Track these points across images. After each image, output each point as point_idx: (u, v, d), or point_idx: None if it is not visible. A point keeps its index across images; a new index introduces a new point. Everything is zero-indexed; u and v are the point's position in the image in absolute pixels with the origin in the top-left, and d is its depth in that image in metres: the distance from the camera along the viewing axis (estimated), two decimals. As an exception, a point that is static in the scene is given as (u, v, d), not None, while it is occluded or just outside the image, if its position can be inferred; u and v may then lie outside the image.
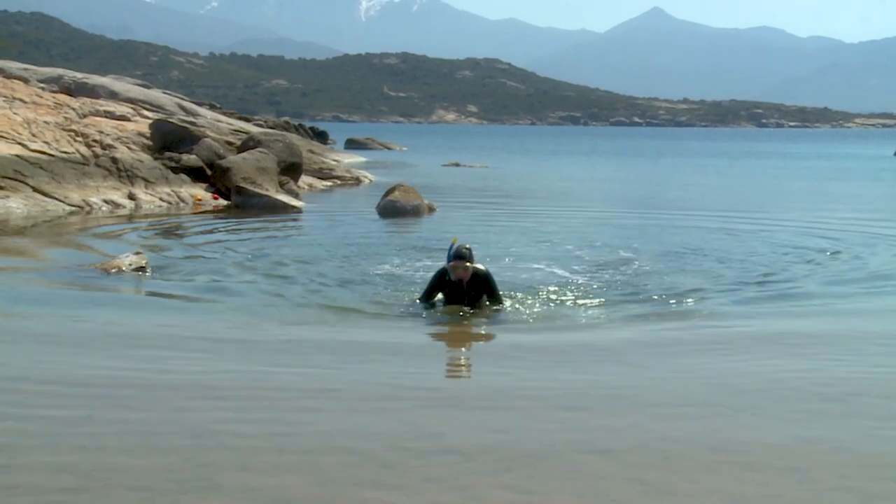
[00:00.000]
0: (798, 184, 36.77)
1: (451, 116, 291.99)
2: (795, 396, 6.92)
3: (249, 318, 9.50)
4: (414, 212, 21.04)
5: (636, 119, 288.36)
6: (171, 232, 17.43)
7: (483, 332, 9.41)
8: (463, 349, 8.90)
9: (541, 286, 11.45)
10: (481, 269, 10.01)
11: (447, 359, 8.56)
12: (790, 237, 17.11)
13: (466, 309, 9.83)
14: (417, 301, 10.25)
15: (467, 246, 9.88)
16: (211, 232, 17.30)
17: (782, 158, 64.62)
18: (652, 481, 5.18)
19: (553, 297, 10.84)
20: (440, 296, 10.14)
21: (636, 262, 13.78)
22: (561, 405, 6.61)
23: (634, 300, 10.77)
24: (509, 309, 10.06)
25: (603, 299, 10.75)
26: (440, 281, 9.98)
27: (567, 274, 12.65)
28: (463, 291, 9.87)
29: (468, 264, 9.75)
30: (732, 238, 17.01)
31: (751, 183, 37.23)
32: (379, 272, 12.44)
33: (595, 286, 11.64)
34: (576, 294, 11.05)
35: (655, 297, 10.91)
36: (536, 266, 13.40)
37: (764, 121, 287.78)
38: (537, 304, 10.37)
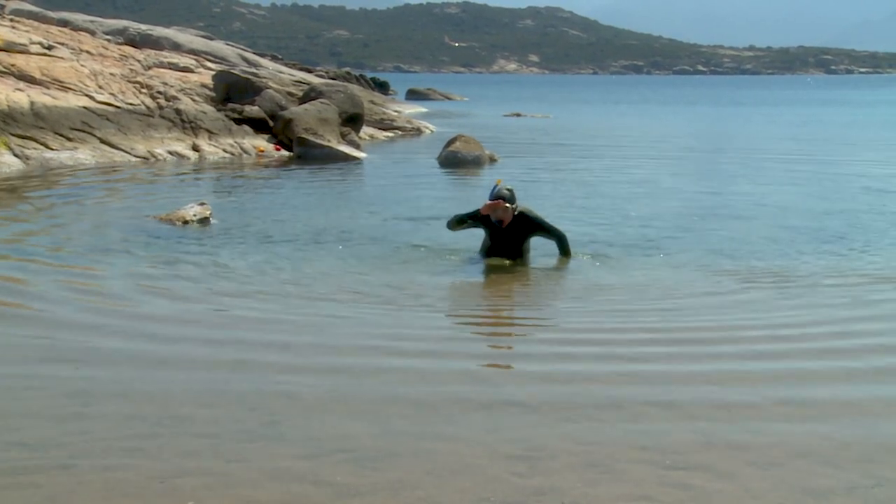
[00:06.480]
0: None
1: (512, 66, 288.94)
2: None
3: (308, 267, 9.59)
4: (475, 162, 20.95)
5: (700, 67, 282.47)
6: (234, 183, 17.64)
7: (548, 282, 9.38)
8: (525, 300, 8.88)
9: (612, 239, 11.41)
10: (526, 209, 9.73)
11: (507, 311, 8.55)
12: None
13: (508, 262, 9.62)
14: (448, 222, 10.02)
15: (508, 187, 9.65)
16: (273, 183, 17.45)
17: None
18: (715, 433, 5.14)
19: (618, 251, 10.76)
20: (484, 239, 9.99)
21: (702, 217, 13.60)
22: (625, 356, 6.58)
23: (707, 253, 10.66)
24: (582, 258, 10.01)
25: (669, 249, 10.65)
26: (478, 216, 9.72)
27: (633, 226, 12.55)
28: (505, 234, 9.64)
29: (507, 205, 9.45)
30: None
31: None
32: (438, 220, 12.43)
33: (657, 237, 11.55)
34: (636, 245, 10.97)
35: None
36: (612, 217, 13.32)
37: (833, 67, 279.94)
38: (606, 257, 10.30)
